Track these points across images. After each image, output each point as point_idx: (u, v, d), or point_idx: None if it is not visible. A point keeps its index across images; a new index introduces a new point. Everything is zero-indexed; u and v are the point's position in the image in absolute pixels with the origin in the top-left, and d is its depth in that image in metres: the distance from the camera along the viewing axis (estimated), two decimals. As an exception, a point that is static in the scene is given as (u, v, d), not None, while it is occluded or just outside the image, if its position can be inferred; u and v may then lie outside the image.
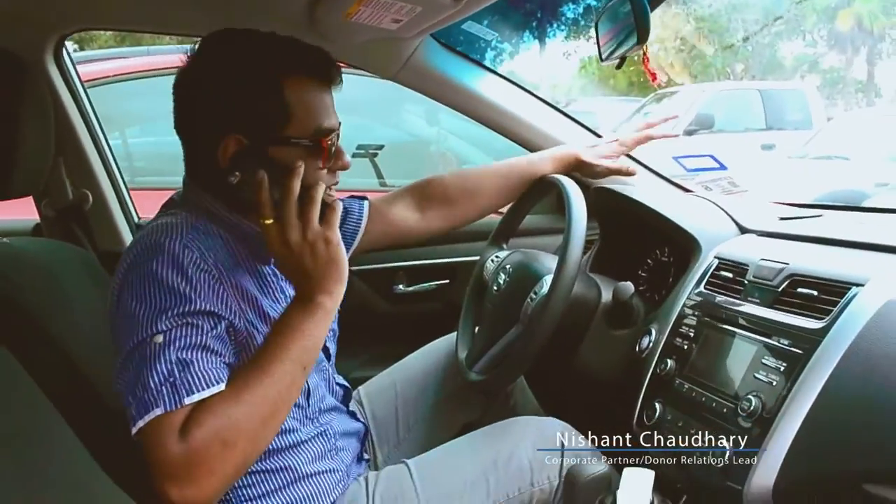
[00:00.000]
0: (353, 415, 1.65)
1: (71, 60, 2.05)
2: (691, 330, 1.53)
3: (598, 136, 2.19)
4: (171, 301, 1.18)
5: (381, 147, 4.21)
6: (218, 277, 1.24)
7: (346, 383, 1.67)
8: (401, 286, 2.40)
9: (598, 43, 1.68)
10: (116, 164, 2.18)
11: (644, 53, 1.55)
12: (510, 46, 14.05)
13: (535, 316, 1.56)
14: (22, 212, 2.16)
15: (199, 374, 1.14)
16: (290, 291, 1.42)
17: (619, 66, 1.62)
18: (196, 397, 1.13)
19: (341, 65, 2.12)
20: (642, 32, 1.48)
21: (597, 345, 1.69)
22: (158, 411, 1.10)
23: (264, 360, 1.20)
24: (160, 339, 1.15)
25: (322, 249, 1.24)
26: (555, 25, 16.16)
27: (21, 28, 1.85)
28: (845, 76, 19.49)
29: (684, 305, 1.59)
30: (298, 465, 1.42)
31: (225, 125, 1.29)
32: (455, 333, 1.89)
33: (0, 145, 1.47)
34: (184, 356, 1.15)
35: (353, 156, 4.06)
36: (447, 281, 2.42)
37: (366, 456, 1.67)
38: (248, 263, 1.36)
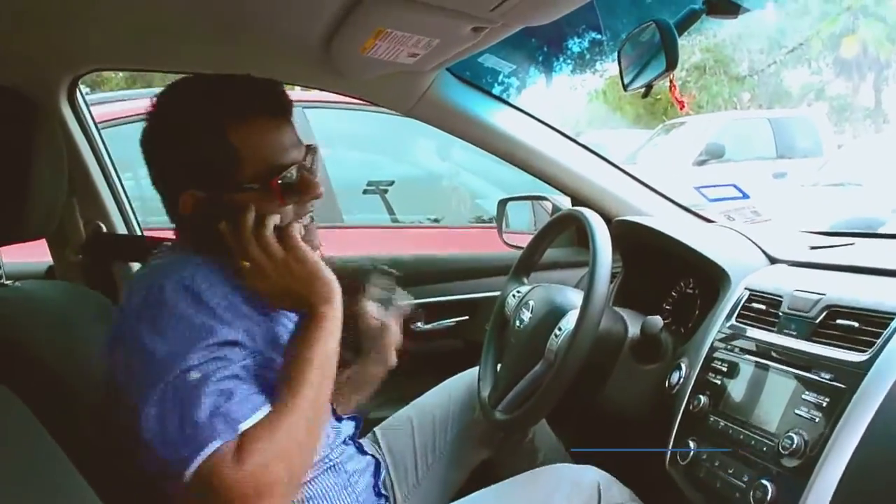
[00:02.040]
0: (360, 448, 1.60)
1: (84, 102, 2.04)
2: (724, 364, 1.49)
3: (613, 164, 2.17)
4: (197, 334, 1.16)
5: (391, 183, 4.20)
6: (229, 306, 1.23)
7: (353, 419, 1.63)
8: (419, 324, 2.35)
9: (620, 70, 1.65)
10: (130, 204, 2.16)
11: (671, 81, 1.52)
12: (517, 80, 14.11)
13: (561, 352, 1.53)
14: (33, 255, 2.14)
15: (244, 400, 1.13)
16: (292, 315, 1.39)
17: (645, 95, 1.59)
18: (249, 423, 1.11)
19: (356, 99, 2.13)
20: (671, 59, 1.45)
21: (624, 381, 1.65)
22: (217, 444, 1.08)
23: (291, 372, 1.20)
24: (195, 375, 1.12)
25: (296, 267, 1.26)
26: (561, 59, 16.24)
27: (34, 70, 1.84)
28: (852, 103, 19.45)
29: (715, 339, 1.55)
30: (312, 497, 1.40)
31: (179, 182, 1.31)
32: (473, 369, 1.86)
33: (12, 187, 1.44)
34: (224, 387, 1.13)
35: (364, 192, 4.09)
36: (467, 317, 2.39)
37: (383, 492, 1.62)
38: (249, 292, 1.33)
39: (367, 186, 4.17)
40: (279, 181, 1.28)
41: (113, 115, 3.24)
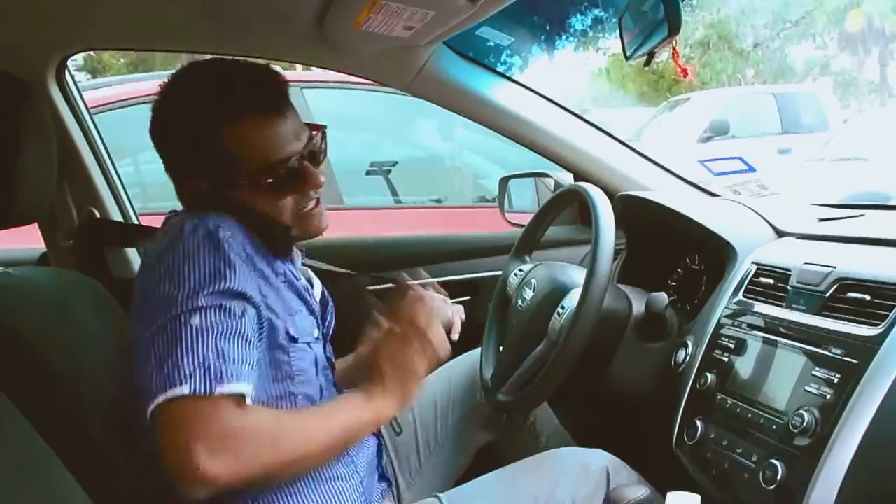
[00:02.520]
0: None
1: (74, 82, 2.00)
2: (731, 341, 1.45)
3: (616, 139, 2.14)
4: (209, 279, 1.15)
5: (394, 164, 4.17)
6: (246, 259, 1.23)
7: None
8: None
9: (622, 40, 1.60)
10: (124, 187, 2.13)
11: (674, 48, 1.47)
12: (519, 59, 14.00)
13: (563, 331, 1.50)
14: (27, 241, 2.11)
15: (234, 367, 1.11)
16: (300, 303, 1.40)
17: (647, 63, 1.55)
18: (226, 389, 1.09)
19: (353, 77, 2.09)
20: (673, 23, 1.40)
21: (629, 360, 1.62)
22: (185, 390, 1.06)
23: (323, 408, 1.27)
24: (197, 320, 1.11)
25: (416, 366, 1.33)
26: (563, 37, 16.11)
27: (21, 49, 1.80)
28: (857, 78, 19.32)
29: (722, 315, 1.51)
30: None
31: (181, 173, 1.36)
32: (473, 351, 1.84)
33: (2, 172, 1.40)
34: (221, 344, 1.11)
35: (367, 173, 4.08)
36: (469, 298, 2.33)
37: (386, 475, 1.60)
38: (264, 251, 1.34)
39: (369, 168, 4.15)
40: (269, 180, 1.29)
41: (109, 99, 3.22)
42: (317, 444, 1.20)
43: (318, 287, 1.52)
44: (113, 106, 3.15)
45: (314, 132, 1.38)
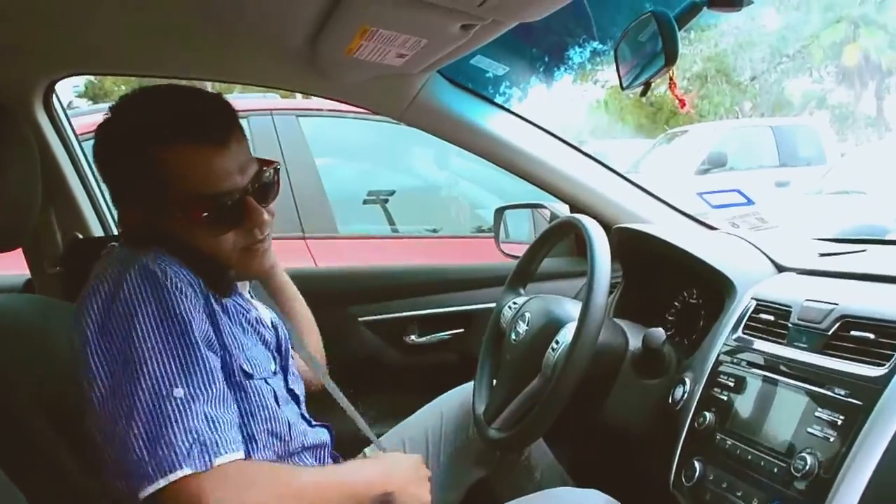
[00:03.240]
0: (336, 460, 1.53)
1: (62, 107, 1.98)
2: (730, 379, 1.41)
3: (612, 170, 2.11)
4: (170, 331, 1.13)
5: (392, 193, 4.15)
6: (195, 300, 1.20)
7: (325, 426, 1.54)
8: (413, 336, 2.30)
9: (618, 70, 1.58)
10: (111, 212, 2.09)
11: (671, 78, 1.44)
12: (516, 90, 14.06)
13: (558, 366, 1.46)
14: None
15: (225, 433, 1.09)
16: (253, 336, 1.37)
17: (643, 94, 1.52)
18: (225, 459, 1.07)
19: (349, 106, 2.07)
20: (670, 53, 1.37)
21: (626, 396, 1.58)
22: (187, 471, 1.04)
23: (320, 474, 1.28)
24: (181, 392, 1.08)
25: None
26: (562, 69, 16.20)
27: (7, 72, 1.78)
28: (854, 111, 19.42)
29: (721, 352, 1.47)
30: None
31: (117, 196, 1.33)
32: (466, 385, 1.81)
33: None
34: (209, 411, 1.09)
35: (364, 202, 4.06)
36: (462, 330, 2.33)
37: None
38: (207, 292, 1.28)
39: (367, 196, 4.12)
40: (204, 213, 1.24)
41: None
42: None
43: (266, 316, 1.47)
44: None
45: (265, 168, 1.33)
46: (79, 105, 11.28)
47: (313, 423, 1.49)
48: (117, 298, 1.14)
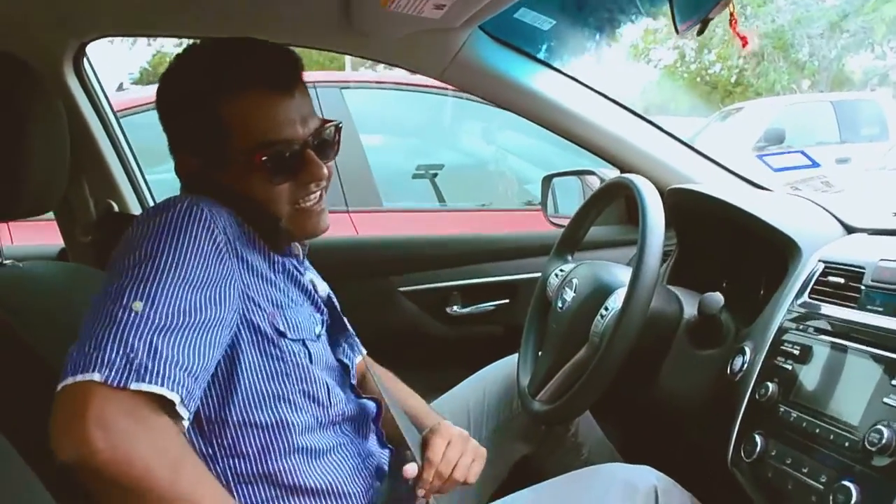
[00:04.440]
0: (381, 437, 1.47)
1: (94, 71, 1.94)
2: (795, 347, 1.30)
3: (665, 132, 2.04)
4: (170, 260, 1.07)
5: (440, 167, 4.12)
6: (225, 247, 1.15)
7: (374, 400, 1.48)
8: (455, 307, 2.25)
9: (671, 11, 1.47)
10: (146, 181, 2.07)
11: (731, 13, 1.33)
12: (566, 54, 13.92)
13: (606, 335, 1.40)
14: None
15: (166, 368, 0.99)
16: (299, 296, 1.32)
17: (700, 32, 1.41)
18: (145, 387, 0.96)
19: (392, 77, 2.02)
20: (727, -18, 1.26)
21: (680, 367, 1.50)
22: (96, 376, 0.95)
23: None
24: (139, 306, 1.01)
25: None
26: (613, 49, 15.99)
27: (36, 35, 1.76)
28: (918, 87, 18.84)
29: (784, 318, 1.37)
30: (324, 472, 1.27)
31: (176, 145, 1.30)
32: (510, 357, 1.75)
33: (6, 161, 1.33)
34: (158, 340, 0.99)
35: (413, 176, 4.06)
36: (507, 300, 2.27)
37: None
38: (259, 245, 1.27)
39: (416, 171, 4.11)
40: (263, 157, 1.21)
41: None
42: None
43: (322, 289, 1.43)
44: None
45: (327, 124, 1.30)
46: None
47: (362, 395, 1.44)
48: (149, 222, 1.12)
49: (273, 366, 1.21)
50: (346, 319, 1.46)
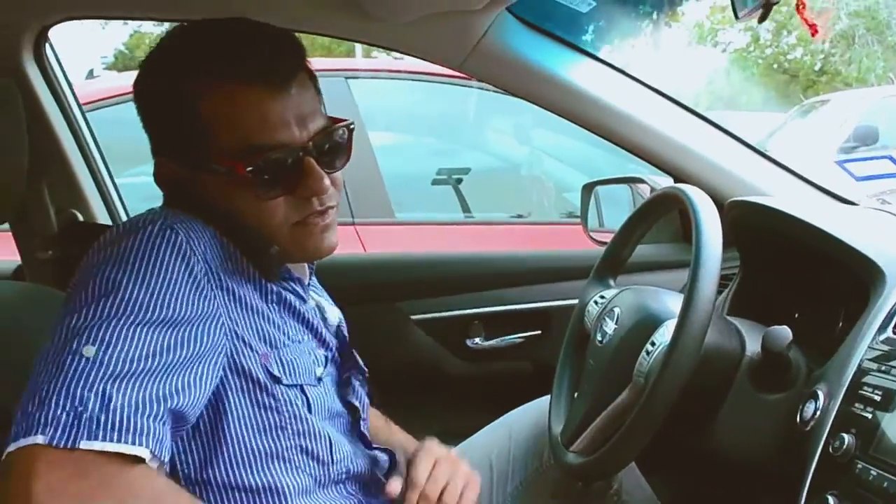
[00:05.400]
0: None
1: (57, 60, 1.99)
2: (877, 392, 1.31)
3: (728, 132, 2.07)
4: (134, 295, 1.07)
5: (466, 171, 4.16)
6: (205, 277, 1.16)
7: (386, 451, 1.51)
8: (477, 340, 2.28)
9: (732, -4, 1.50)
10: (115, 186, 2.11)
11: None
12: (614, 40, 13.98)
13: (653, 374, 1.41)
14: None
15: (118, 419, 0.98)
16: (301, 331, 1.33)
17: (762, 19, 1.43)
18: (96, 445, 0.96)
19: (405, 66, 2.06)
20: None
21: (741, 414, 1.51)
22: (39, 439, 0.94)
23: None
24: (91, 351, 1.01)
25: None
26: (675, 29, 16.02)
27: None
28: None
29: (865, 357, 1.37)
30: None
31: (154, 145, 1.30)
32: (540, 400, 1.77)
33: None
34: (110, 389, 0.99)
35: (434, 182, 4.13)
36: (538, 332, 2.30)
37: None
38: (249, 272, 1.27)
39: (437, 176, 4.16)
40: (248, 167, 1.20)
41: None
42: None
43: (333, 317, 1.45)
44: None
45: (334, 125, 1.30)
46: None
47: (373, 445, 1.47)
48: (113, 246, 1.13)
49: (265, 418, 1.21)
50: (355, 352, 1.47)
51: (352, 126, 1.32)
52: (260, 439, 1.21)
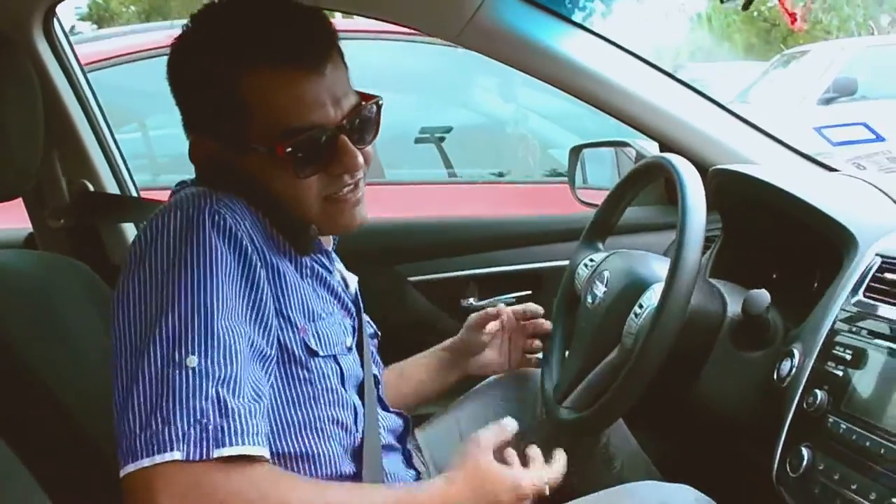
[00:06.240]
0: (409, 458, 1.58)
1: (65, 34, 2.02)
2: (848, 351, 1.39)
3: (712, 100, 2.10)
4: (207, 293, 1.10)
5: (448, 130, 4.15)
6: (254, 255, 1.19)
7: (401, 415, 1.59)
8: (471, 300, 2.33)
9: (717, -22, 1.55)
10: (123, 157, 2.14)
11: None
12: (600, 3, 13.83)
13: (642, 335, 1.47)
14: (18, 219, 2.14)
15: (240, 422, 1.05)
16: (332, 303, 1.38)
17: (745, 7, 1.49)
18: (226, 451, 1.03)
19: (392, 26, 2.08)
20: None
21: (722, 371, 1.57)
22: (176, 455, 1.00)
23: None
24: (194, 361, 1.05)
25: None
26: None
27: (3, -1, 1.81)
28: None
29: (837, 318, 1.45)
30: None
31: (191, 125, 1.33)
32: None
33: None
34: (224, 393, 1.05)
35: (416, 141, 4.11)
36: (529, 292, 2.34)
37: None
38: (284, 248, 1.30)
39: (419, 135, 4.14)
40: (288, 148, 1.23)
41: (113, 52, 3.24)
42: None
43: (353, 284, 1.50)
44: (118, 61, 3.17)
45: (365, 102, 1.32)
46: (81, 30, 11.48)
47: (390, 408, 1.53)
48: (162, 242, 1.14)
49: (300, 390, 1.26)
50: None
51: (381, 102, 1.35)
52: (294, 411, 1.25)
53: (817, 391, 1.38)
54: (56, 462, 1.20)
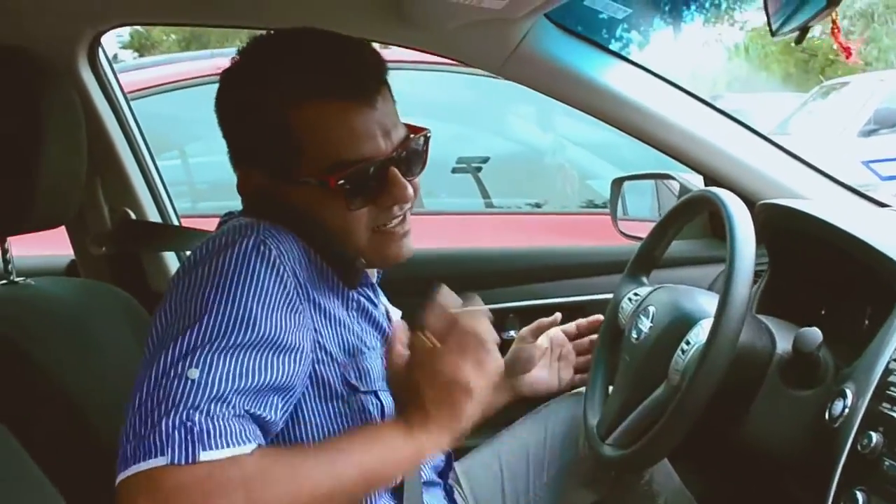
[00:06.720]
0: (450, 493, 1.56)
1: (109, 63, 2.05)
2: (904, 391, 1.36)
3: (758, 133, 2.08)
4: (236, 316, 1.08)
5: (485, 160, 4.15)
6: (295, 291, 1.18)
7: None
8: (512, 332, 2.28)
9: (767, 11, 1.54)
10: (165, 187, 2.16)
11: (834, 21, 1.40)
12: (638, 35, 13.85)
13: (688, 372, 1.45)
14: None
15: (228, 424, 1.03)
16: (375, 337, 1.37)
17: (798, 41, 1.47)
18: (213, 455, 1.00)
19: (433, 57, 2.08)
20: (834, -12, 1.32)
21: (770, 409, 1.55)
22: (161, 461, 0.98)
23: (339, 444, 1.14)
24: (195, 374, 1.04)
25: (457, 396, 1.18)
26: (692, 8, 15.89)
27: (48, 25, 1.84)
28: None
29: (892, 358, 1.42)
30: None
31: (239, 158, 1.34)
32: (576, 391, 1.83)
33: (20, 166, 1.42)
34: (216, 409, 1.03)
35: (454, 171, 4.12)
36: None
37: None
38: (332, 281, 1.30)
39: (456, 164, 4.14)
40: (340, 181, 1.24)
41: (154, 81, 3.28)
42: (341, 487, 1.09)
43: (396, 318, 1.49)
44: (159, 89, 3.21)
45: (413, 135, 1.33)
46: (124, 59, 11.65)
47: None
48: (204, 265, 1.14)
49: (339, 424, 1.25)
50: None
51: (428, 134, 1.36)
52: None
53: (872, 433, 1.35)
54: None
